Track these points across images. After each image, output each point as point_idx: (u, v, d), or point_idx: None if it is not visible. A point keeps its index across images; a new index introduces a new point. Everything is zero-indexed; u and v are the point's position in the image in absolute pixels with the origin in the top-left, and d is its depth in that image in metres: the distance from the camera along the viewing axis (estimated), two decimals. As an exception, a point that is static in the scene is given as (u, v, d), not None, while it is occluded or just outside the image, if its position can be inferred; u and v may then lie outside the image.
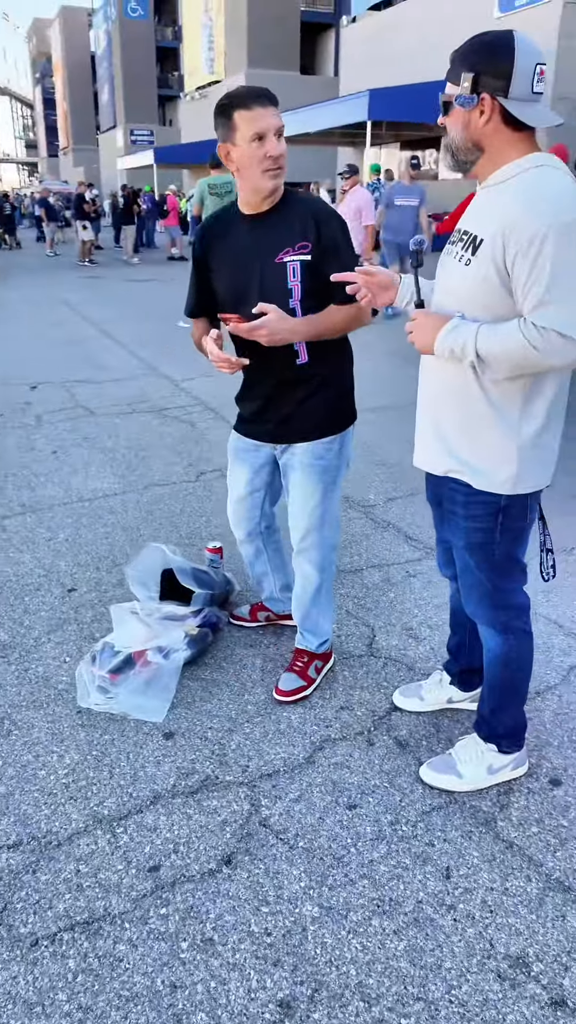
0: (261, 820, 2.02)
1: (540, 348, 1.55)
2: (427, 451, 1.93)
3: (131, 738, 2.32)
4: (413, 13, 20.75)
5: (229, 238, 2.16)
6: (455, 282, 1.72)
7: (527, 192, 1.57)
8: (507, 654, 2.01)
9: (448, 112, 1.66)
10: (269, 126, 1.95)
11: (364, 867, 1.88)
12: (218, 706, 2.45)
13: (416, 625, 2.87)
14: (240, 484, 2.49)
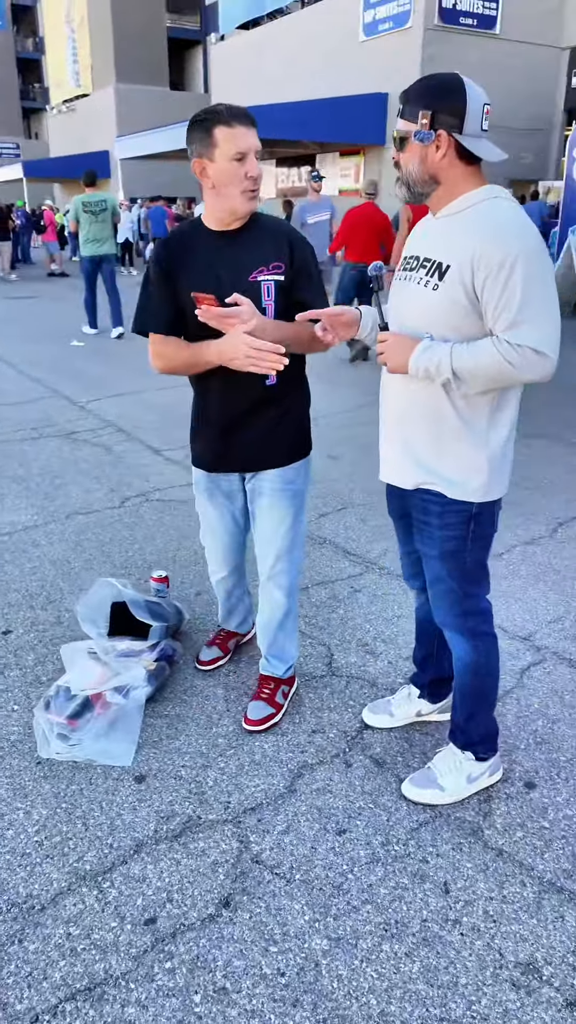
0: (253, 857, 1.98)
1: (515, 364, 1.65)
2: (396, 467, 1.99)
3: (101, 785, 2.22)
4: (281, 33, 21.18)
5: (198, 253, 2.10)
6: (420, 305, 1.78)
7: (491, 221, 1.69)
8: (477, 660, 2.08)
9: (404, 148, 1.76)
10: (251, 146, 1.94)
11: (364, 892, 1.87)
12: (187, 743, 2.38)
13: (371, 640, 2.91)
14: (225, 523, 2.44)
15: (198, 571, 3.46)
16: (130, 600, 2.67)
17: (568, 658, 2.78)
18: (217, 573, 2.60)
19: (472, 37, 17.63)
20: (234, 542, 2.51)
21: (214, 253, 2.09)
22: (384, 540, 3.74)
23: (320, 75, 19.58)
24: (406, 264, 1.87)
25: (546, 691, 2.60)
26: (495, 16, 17.89)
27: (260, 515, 2.33)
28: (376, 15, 18.08)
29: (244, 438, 2.23)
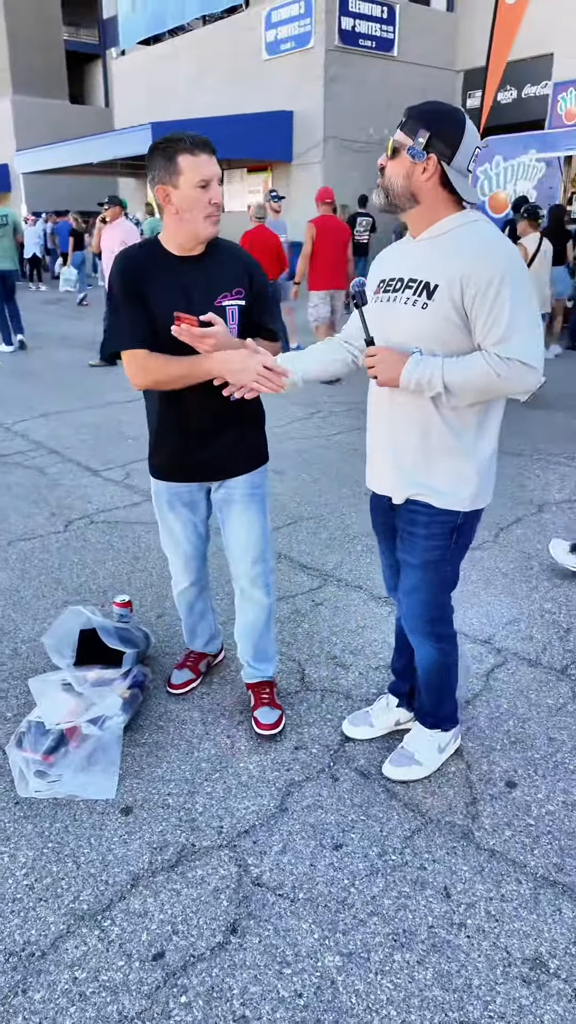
0: (253, 880, 1.96)
1: (505, 376, 1.74)
2: (386, 479, 2.06)
3: (86, 821, 2.16)
4: (184, 49, 21.22)
5: (162, 277, 2.12)
6: (409, 324, 1.85)
7: (477, 242, 1.79)
8: (440, 659, 2.20)
9: (395, 156, 1.82)
10: (214, 173, 2.00)
11: (369, 904, 1.89)
12: (170, 770, 2.34)
13: (339, 653, 2.94)
14: (187, 533, 2.46)
15: (156, 593, 3.41)
16: (100, 627, 2.61)
17: (528, 658, 2.89)
18: (179, 584, 2.60)
19: (372, 58, 18.16)
20: (196, 552, 2.52)
21: (181, 278, 2.11)
22: (337, 552, 3.79)
23: (225, 92, 19.72)
24: (387, 286, 1.93)
25: (512, 692, 2.70)
26: (392, 39, 18.49)
27: (233, 522, 2.37)
28: (278, 35, 18.38)
29: (218, 447, 2.28)
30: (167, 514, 2.44)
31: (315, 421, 6.22)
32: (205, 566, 2.60)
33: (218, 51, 20.02)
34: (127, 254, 2.17)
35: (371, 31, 18.10)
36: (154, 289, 2.10)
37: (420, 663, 2.23)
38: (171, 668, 2.82)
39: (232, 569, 2.48)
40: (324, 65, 17.44)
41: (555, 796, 2.22)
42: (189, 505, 2.42)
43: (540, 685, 2.73)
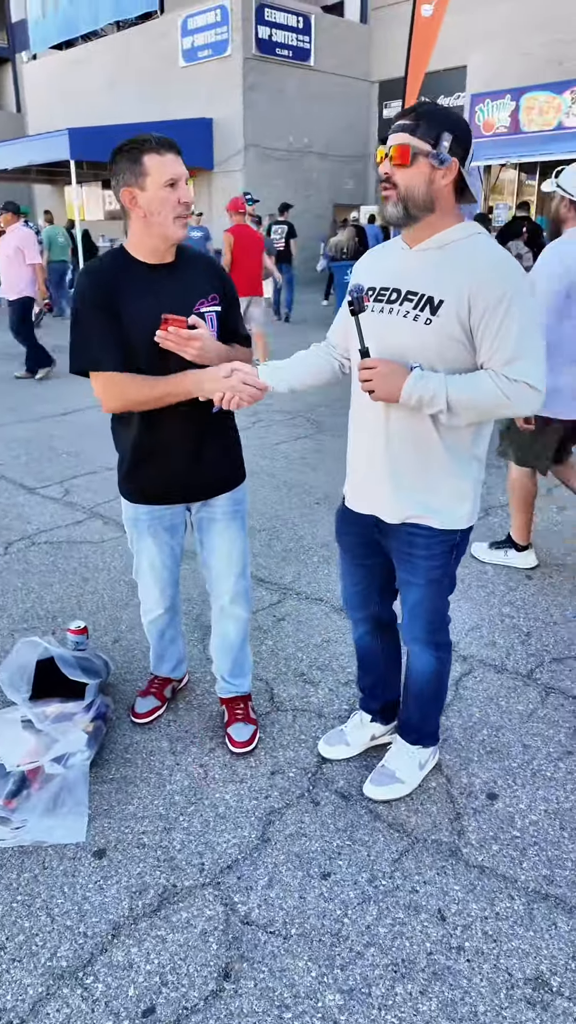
0: (242, 918, 1.87)
1: (512, 398, 1.70)
2: (380, 500, 1.98)
3: (57, 868, 2.02)
4: (99, 54, 20.90)
5: (135, 287, 2.01)
6: (410, 338, 1.77)
7: (484, 258, 1.73)
8: (438, 668, 2.17)
9: (413, 163, 1.70)
10: (181, 173, 1.93)
11: (364, 935, 1.83)
12: (142, 806, 2.23)
13: (306, 669, 2.87)
14: (164, 558, 2.37)
15: (109, 616, 3.27)
16: (59, 658, 2.47)
17: (494, 664, 2.89)
18: (152, 611, 2.49)
19: (290, 67, 18.28)
20: (172, 577, 2.45)
21: (155, 286, 2.03)
22: (294, 564, 3.73)
23: (142, 98, 19.51)
24: (382, 296, 1.83)
25: (482, 699, 2.69)
26: (309, 49, 18.66)
27: (215, 539, 2.31)
28: (195, 42, 18.31)
29: (203, 465, 2.21)
30: (147, 541, 2.33)
31: (257, 431, 6.15)
32: (178, 591, 2.51)
33: (134, 57, 19.81)
34: (93, 267, 2.06)
35: (287, 40, 18.22)
36: (127, 301, 1.99)
37: (417, 674, 2.19)
38: (133, 696, 2.70)
39: (213, 587, 2.40)
40: (242, 73, 17.45)
41: (536, 805, 2.21)
42: (170, 530, 2.33)
43: (508, 691, 2.73)
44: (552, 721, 2.57)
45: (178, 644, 2.60)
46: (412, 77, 11.12)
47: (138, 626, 3.17)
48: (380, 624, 2.31)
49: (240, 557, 2.35)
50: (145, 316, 1.97)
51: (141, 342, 1.99)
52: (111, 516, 4.38)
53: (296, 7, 18.06)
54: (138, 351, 2.01)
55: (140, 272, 2.03)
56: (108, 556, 3.86)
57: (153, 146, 1.87)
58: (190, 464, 2.18)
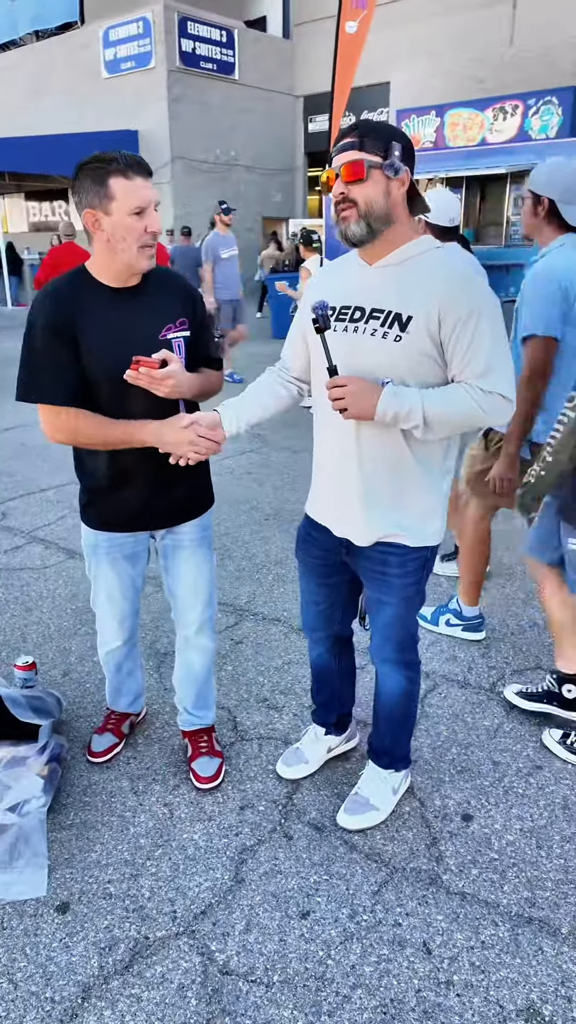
0: (220, 968, 1.78)
1: (486, 409, 1.69)
2: (352, 523, 1.94)
3: (17, 927, 1.88)
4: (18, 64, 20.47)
5: (96, 313, 1.89)
6: (381, 356, 1.73)
7: (452, 273, 1.70)
8: (408, 688, 2.13)
9: (368, 178, 1.67)
10: (150, 199, 1.80)
11: (350, 976, 1.76)
12: (105, 852, 2.10)
13: (269, 694, 2.79)
14: (124, 588, 2.26)
15: (57, 647, 3.12)
16: (8, 698, 2.32)
17: (456, 680, 2.87)
18: (110, 643, 2.37)
19: (214, 80, 18.29)
20: (131, 608, 2.34)
21: (120, 314, 1.91)
22: (248, 583, 3.64)
23: (65, 109, 19.20)
24: (344, 315, 1.78)
25: (449, 716, 2.66)
26: (233, 63, 18.72)
27: (182, 567, 2.22)
28: (117, 53, 18.13)
29: (172, 493, 2.11)
30: (105, 570, 2.22)
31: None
32: (137, 621, 2.40)
33: (56, 67, 19.49)
34: (52, 290, 1.90)
35: (211, 54, 18.23)
36: (88, 328, 1.86)
37: (386, 695, 2.15)
38: (87, 733, 2.56)
39: (178, 616, 2.30)
40: (167, 85, 17.37)
41: (512, 824, 2.18)
42: (130, 558, 2.22)
43: (473, 707, 2.71)
44: (519, 736, 2.55)
45: (136, 676, 2.48)
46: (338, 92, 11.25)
47: (88, 657, 3.03)
48: (339, 642, 2.28)
49: (206, 585, 2.27)
50: (106, 346, 1.87)
51: (101, 373, 1.88)
52: (52, 540, 4.21)
53: (219, 21, 18.09)
54: (98, 383, 1.90)
55: (103, 296, 1.90)
56: (51, 583, 3.69)
57: (121, 167, 1.73)
58: (155, 491, 2.08)
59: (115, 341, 1.88)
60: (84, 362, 1.89)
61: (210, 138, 18.46)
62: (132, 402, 1.92)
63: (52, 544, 4.15)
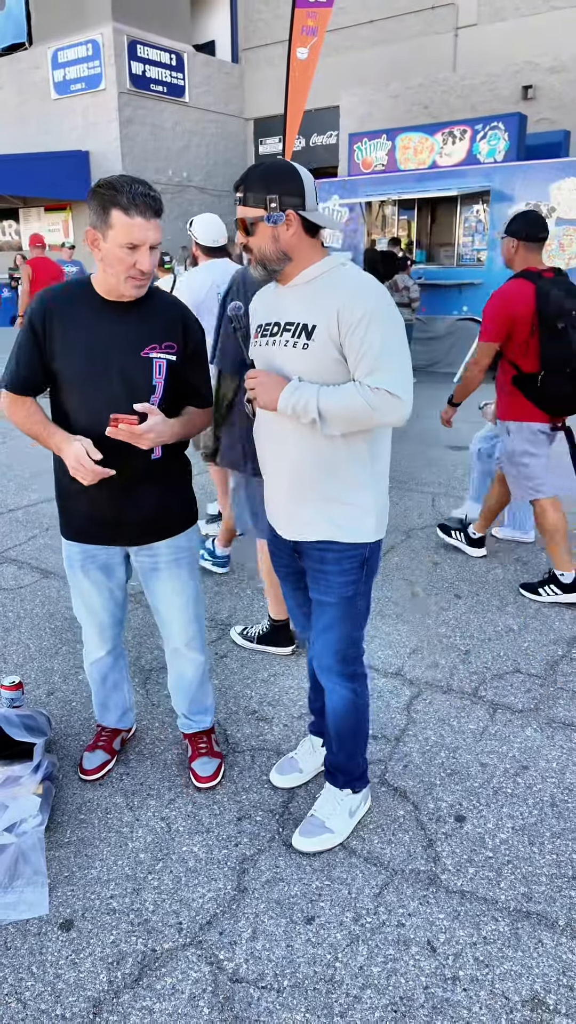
0: (230, 976, 1.79)
1: (374, 405, 1.77)
2: (291, 523, 2.02)
3: (22, 947, 1.87)
4: (-32, 85, 20.27)
5: (81, 319, 1.96)
6: (291, 364, 1.87)
7: (349, 283, 1.84)
8: (354, 702, 2.15)
9: (254, 232, 1.85)
10: (145, 239, 1.85)
11: (359, 977, 1.79)
12: (105, 868, 2.10)
13: (257, 706, 2.81)
14: (103, 600, 2.27)
15: (39, 667, 3.09)
16: (1, 718, 2.30)
17: (440, 686, 2.94)
18: (93, 654, 2.39)
19: (165, 103, 18.41)
20: (112, 620, 2.34)
21: (102, 322, 1.97)
22: (228, 598, 3.66)
23: (13, 129, 19.10)
24: (264, 331, 1.95)
25: (435, 722, 2.72)
26: (183, 86, 18.87)
27: (160, 588, 2.24)
28: (67, 75, 18.11)
29: (133, 510, 2.12)
30: (80, 579, 2.24)
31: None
32: (122, 633, 2.40)
33: (2, 87, 19.37)
34: (51, 291, 2.01)
35: (161, 77, 18.34)
36: (67, 329, 1.96)
37: (333, 709, 2.16)
38: (77, 751, 2.55)
39: (163, 631, 2.33)
40: (118, 107, 17.41)
41: (503, 823, 2.25)
42: (104, 569, 2.23)
43: (458, 711, 2.77)
44: (504, 737, 2.62)
45: (122, 690, 2.48)
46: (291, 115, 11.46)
47: (72, 676, 3.02)
48: None
49: (187, 604, 2.27)
50: (79, 348, 1.96)
51: (71, 373, 1.97)
52: (25, 560, 4.17)
53: (168, 45, 18.24)
54: (70, 382, 1.99)
55: (93, 304, 1.98)
56: (27, 603, 3.66)
57: (123, 202, 1.79)
58: (119, 506, 2.10)
59: (87, 350, 1.95)
60: (55, 361, 1.98)
61: (162, 159, 18.55)
62: (94, 410, 1.98)
63: (25, 564, 4.11)
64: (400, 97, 14.88)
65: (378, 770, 2.47)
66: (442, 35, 15.90)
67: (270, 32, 18.64)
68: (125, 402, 1.97)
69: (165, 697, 2.87)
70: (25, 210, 19.66)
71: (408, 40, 16.30)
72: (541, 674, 3.00)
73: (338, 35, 16.63)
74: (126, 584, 2.33)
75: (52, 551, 4.29)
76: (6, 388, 2.08)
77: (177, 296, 3.01)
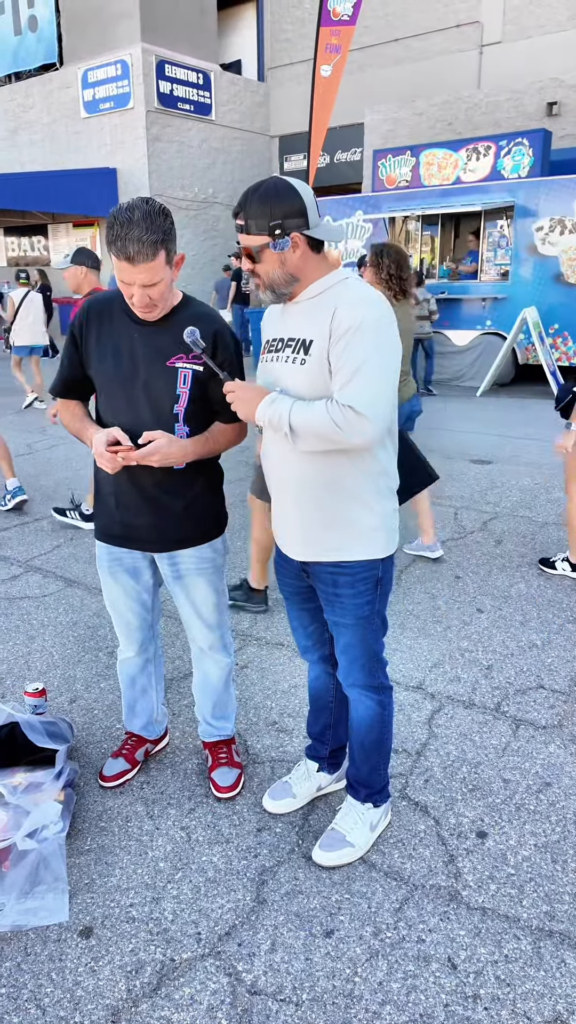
0: (249, 988, 1.78)
1: (339, 424, 1.72)
2: (298, 543, 1.99)
3: (41, 953, 1.87)
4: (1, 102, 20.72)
5: (116, 328, 2.03)
6: (289, 380, 1.84)
7: (348, 295, 1.80)
8: (380, 714, 2.14)
9: (260, 259, 1.82)
10: (133, 281, 1.88)
11: (378, 992, 1.77)
12: (125, 876, 2.10)
13: (278, 718, 2.81)
14: (129, 602, 2.31)
15: (62, 675, 3.12)
16: (25, 724, 2.32)
17: (462, 700, 2.91)
18: (122, 652, 2.44)
19: (192, 121, 18.66)
20: (141, 623, 2.37)
21: (134, 332, 2.03)
22: (247, 611, 3.67)
23: (44, 147, 19.44)
24: (271, 347, 1.93)
25: (457, 736, 2.69)
26: (209, 104, 19.12)
27: (187, 594, 2.27)
28: (96, 94, 18.44)
29: (153, 519, 2.15)
30: (108, 580, 2.29)
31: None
32: (154, 640, 2.43)
33: (33, 107, 19.76)
34: (92, 299, 2.11)
35: (188, 95, 18.61)
36: (101, 335, 2.05)
37: (358, 722, 2.15)
38: (97, 758, 2.57)
39: (188, 633, 2.38)
40: (146, 125, 17.67)
41: (526, 840, 2.22)
42: (131, 572, 2.26)
43: (480, 726, 2.75)
44: (526, 753, 2.60)
45: (149, 697, 2.49)
46: (315, 132, 11.59)
47: (95, 684, 3.04)
48: (335, 664, 2.28)
49: (215, 609, 2.30)
50: (106, 357, 2.04)
51: (102, 379, 2.07)
52: (50, 569, 4.21)
53: (195, 64, 18.52)
54: (101, 387, 2.09)
55: (126, 314, 2.04)
56: (51, 611, 3.69)
57: (115, 250, 1.82)
58: (142, 514, 2.13)
59: (117, 358, 2.02)
60: (91, 367, 2.08)
61: (188, 176, 18.78)
62: (119, 415, 2.06)
63: (50, 573, 4.15)
64: (424, 114, 14.96)
65: (399, 784, 2.45)
66: (467, 52, 15.98)
67: (295, 51, 18.85)
68: (147, 409, 2.02)
69: (185, 707, 2.87)
70: (53, 226, 19.97)
71: (433, 58, 16.41)
72: (565, 690, 2.97)
73: (363, 53, 16.80)
74: (156, 589, 2.35)
75: (76, 560, 4.33)
76: (51, 392, 2.20)
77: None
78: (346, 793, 2.27)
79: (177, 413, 2.04)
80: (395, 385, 1.79)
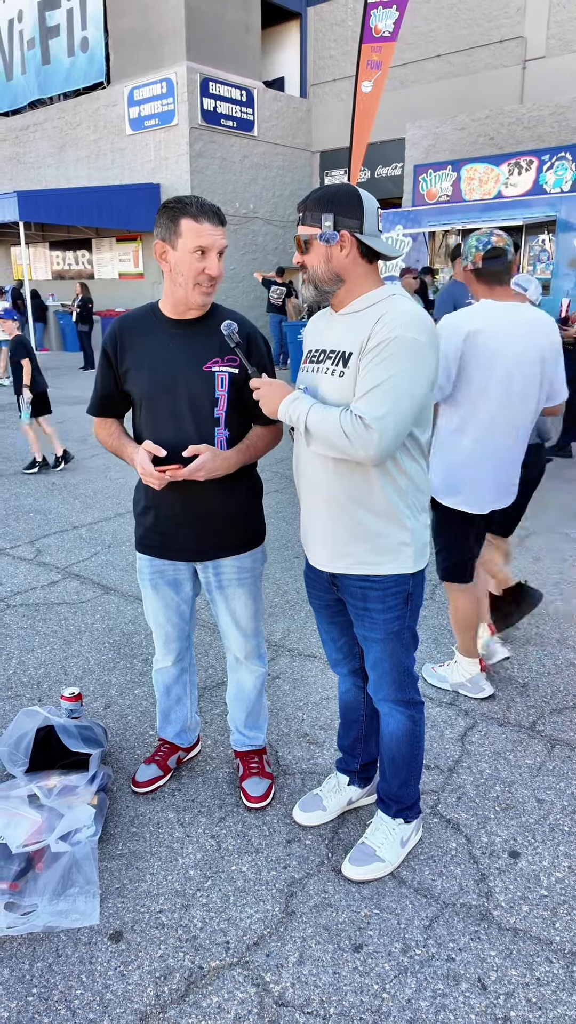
0: (276, 999, 1.78)
1: (349, 434, 1.72)
2: (328, 555, 1.99)
3: (72, 955, 1.89)
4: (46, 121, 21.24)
5: (150, 339, 2.08)
6: (328, 391, 1.85)
7: (389, 310, 1.78)
8: (412, 729, 2.12)
9: (308, 250, 1.85)
10: (214, 244, 1.95)
11: (406, 1010, 1.75)
12: (155, 882, 2.12)
13: (309, 729, 2.81)
14: (168, 614, 2.34)
15: (97, 680, 3.16)
16: (60, 728, 2.36)
17: (496, 718, 2.88)
18: (159, 661, 2.47)
19: (234, 137, 18.91)
20: (179, 633, 2.40)
21: (168, 340, 2.07)
22: (281, 620, 3.68)
23: (90, 163, 19.86)
24: (312, 357, 1.95)
25: (490, 754, 2.66)
26: (252, 120, 19.36)
27: (227, 602, 2.30)
28: (141, 112, 18.81)
29: (194, 528, 2.18)
30: (149, 591, 2.33)
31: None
32: (190, 649, 2.46)
33: (80, 124, 20.22)
34: (122, 316, 2.16)
35: (231, 112, 18.87)
36: (135, 351, 2.09)
37: (389, 735, 2.14)
38: (131, 764, 2.59)
39: (224, 641, 2.40)
40: (189, 142, 17.96)
41: (559, 862, 2.18)
42: (173, 584, 2.29)
43: (515, 745, 2.72)
44: (562, 774, 2.56)
45: (184, 705, 2.52)
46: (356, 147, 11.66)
47: (129, 690, 3.07)
48: (365, 678, 2.28)
49: (252, 617, 2.33)
50: (146, 367, 2.07)
51: (139, 393, 2.09)
52: (87, 576, 4.27)
53: (239, 81, 18.78)
54: (139, 401, 2.11)
55: (159, 325, 2.08)
56: (88, 617, 3.74)
57: (192, 211, 1.91)
58: (185, 523, 2.17)
59: (153, 368, 2.05)
60: (128, 383, 2.11)
61: (230, 191, 19.01)
62: (160, 425, 2.08)
63: (87, 580, 4.21)
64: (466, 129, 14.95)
65: (431, 800, 2.43)
66: (510, 68, 15.96)
67: (338, 68, 19.00)
68: (188, 415, 2.06)
69: (217, 715, 2.89)
70: (97, 240, 20.36)
71: (475, 73, 16.41)
72: (602, 710, 2.92)
73: (405, 69, 16.87)
74: (194, 599, 2.38)
75: (113, 568, 4.39)
76: (88, 412, 2.23)
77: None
78: (376, 808, 2.26)
79: (218, 417, 2.07)
80: (416, 410, 1.77)
